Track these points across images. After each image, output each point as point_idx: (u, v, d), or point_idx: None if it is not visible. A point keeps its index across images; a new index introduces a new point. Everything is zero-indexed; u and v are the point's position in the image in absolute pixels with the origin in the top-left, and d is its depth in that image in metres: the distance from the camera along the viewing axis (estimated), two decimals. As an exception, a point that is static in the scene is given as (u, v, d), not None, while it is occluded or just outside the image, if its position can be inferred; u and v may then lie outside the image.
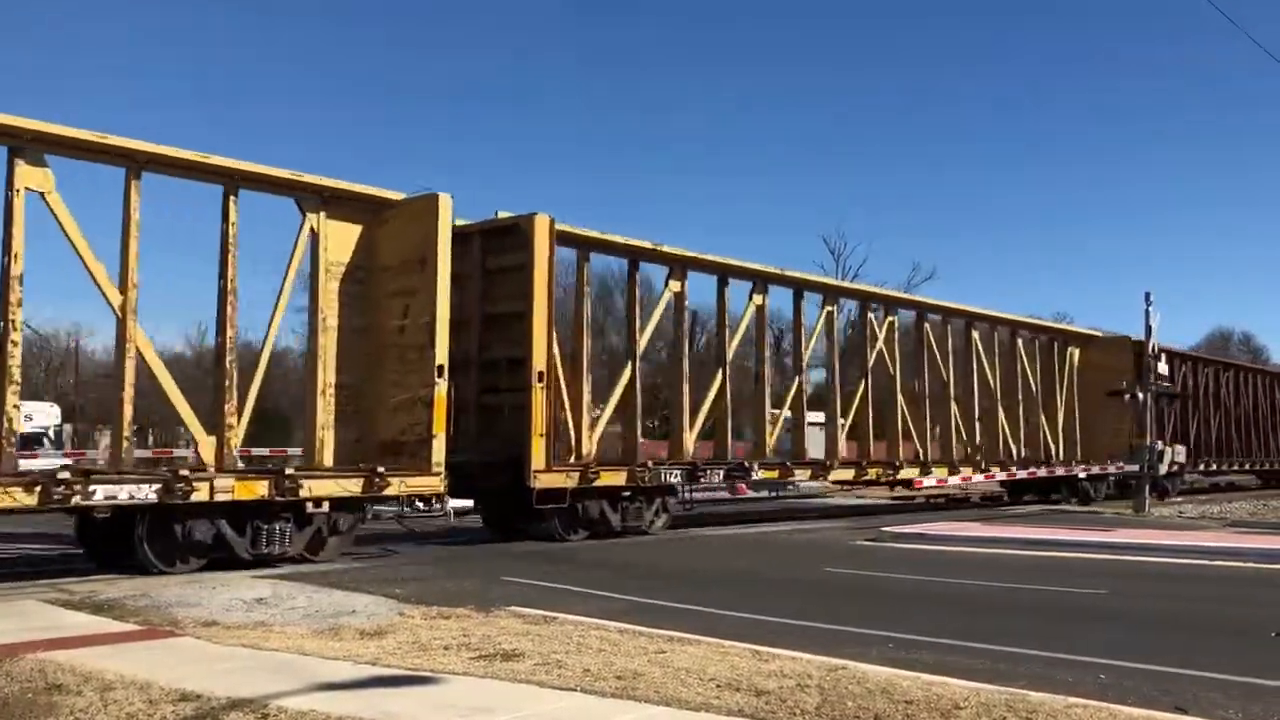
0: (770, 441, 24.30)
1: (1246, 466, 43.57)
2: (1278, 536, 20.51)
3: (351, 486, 15.65)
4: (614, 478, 19.85)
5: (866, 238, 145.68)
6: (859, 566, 16.18)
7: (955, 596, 13.19)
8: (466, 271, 19.33)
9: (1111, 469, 33.76)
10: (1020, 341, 32.95)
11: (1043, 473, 32.04)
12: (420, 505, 21.27)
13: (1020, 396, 32.41)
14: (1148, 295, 29.84)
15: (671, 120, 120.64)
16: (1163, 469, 32.47)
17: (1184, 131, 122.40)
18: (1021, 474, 31.25)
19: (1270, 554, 17.03)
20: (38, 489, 12.69)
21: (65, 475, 13.24)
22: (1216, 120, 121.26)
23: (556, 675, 7.69)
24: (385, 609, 11.19)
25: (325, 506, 15.38)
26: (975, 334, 30.96)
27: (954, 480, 29.61)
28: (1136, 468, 30.02)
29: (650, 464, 20.56)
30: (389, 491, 15.98)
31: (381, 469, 15.75)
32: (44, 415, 34.49)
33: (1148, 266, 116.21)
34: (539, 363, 18.27)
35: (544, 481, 18.26)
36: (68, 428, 37.18)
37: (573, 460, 19.58)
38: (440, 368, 16.27)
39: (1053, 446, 33.78)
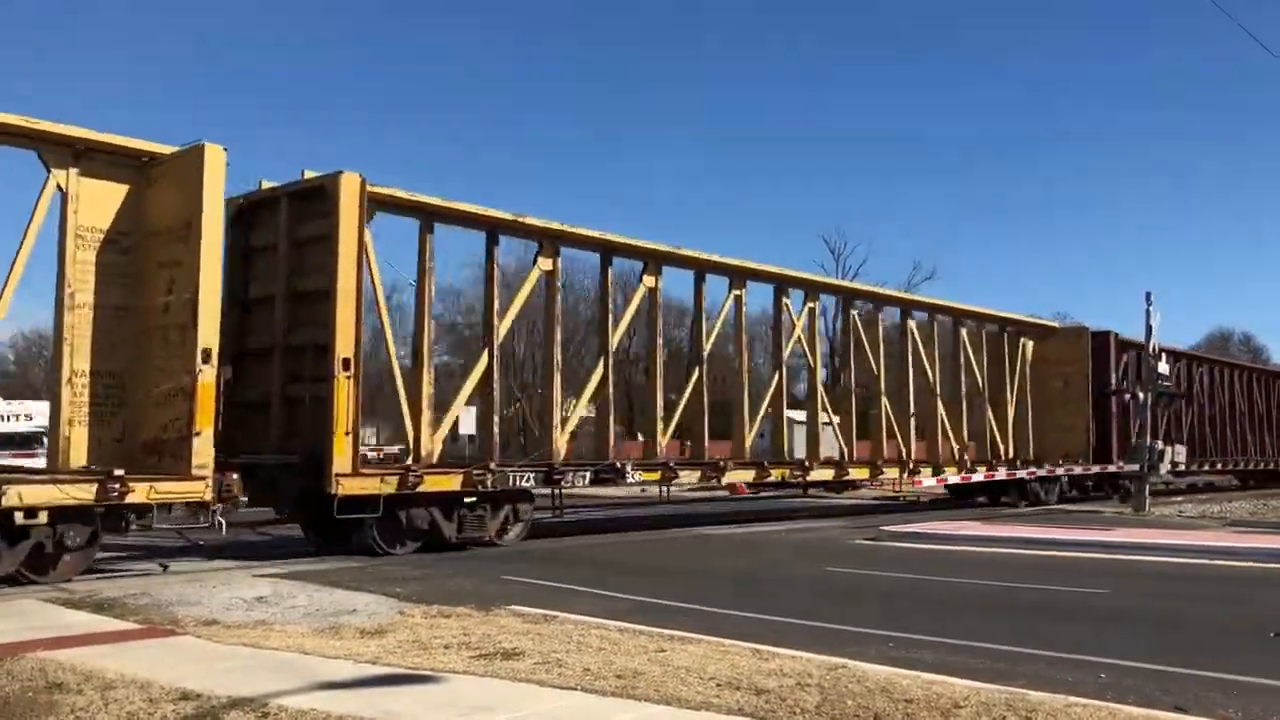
0: (663, 440, 22.05)
1: (1219, 466, 41.09)
2: (1277, 536, 20.50)
3: (80, 493, 13.00)
4: (444, 482, 17.44)
5: (867, 238, 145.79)
6: (858, 566, 16.18)
7: (955, 596, 13.19)
8: (272, 242, 17.39)
9: (1060, 470, 31.73)
10: (965, 332, 30.74)
11: (979, 476, 29.66)
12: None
13: (964, 392, 30.41)
14: (1148, 295, 29.77)
15: (671, 122, 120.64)
16: (1164, 469, 31.87)
17: (1185, 131, 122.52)
18: (954, 479, 29.13)
19: (1270, 553, 17.03)
20: None
21: None
22: (1218, 119, 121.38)
23: (557, 674, 7.70)
24: (386, 608, 11.19)
25: (43, 518, 12.76)
26: (911, 323, 28.98)
27: (883, 481, 27.88)
28: (1135, 467, 29.93)
29: (493, 466, 18.10)
30: (133, 499, 13.30)
31: (120, 471, 13.23)
32: (45, 415, 34.50)
33: (1149, 266, 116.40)
34: (344, 349, 16.01)
35: (349, 487, 15.91)
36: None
37: (410, 462, 17.48)
38: (206, 352, 13.88)
39: (1001, 445, 31.56)
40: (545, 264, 20.15)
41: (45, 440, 32.98)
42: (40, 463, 20.86)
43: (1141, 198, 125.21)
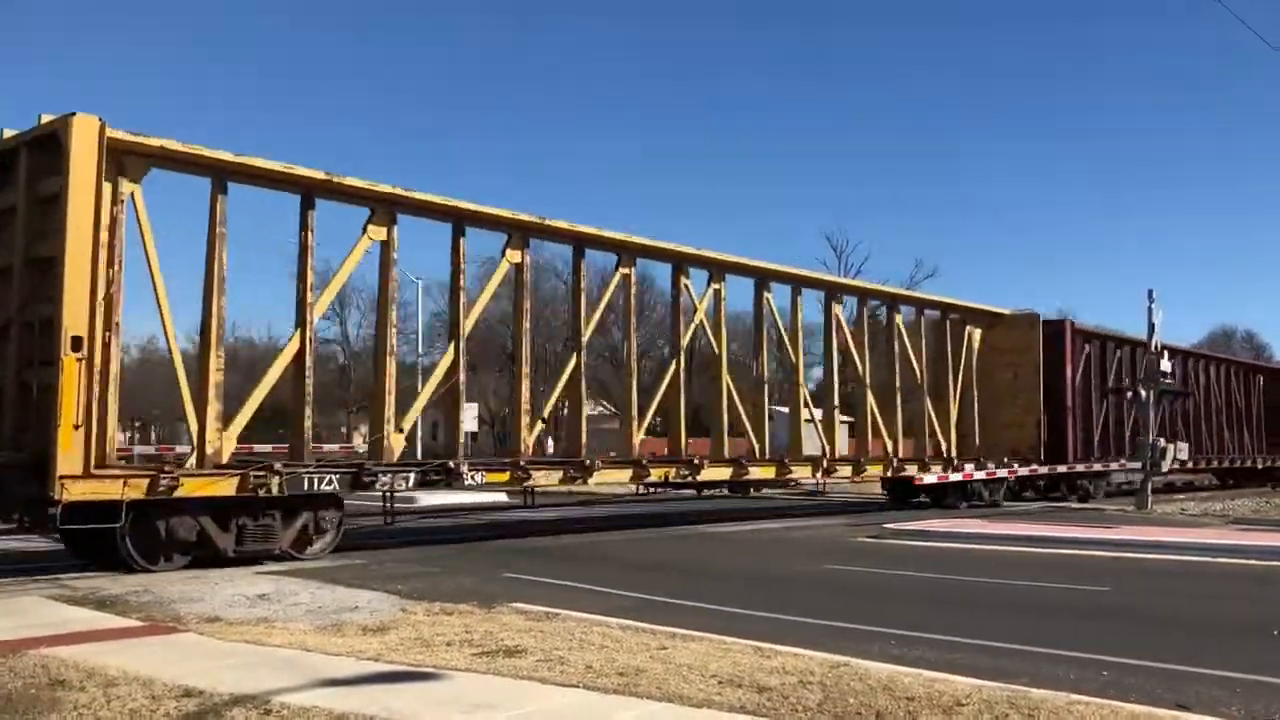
0: (528, 439, 19.60)
1: (1189, 465, 37.36)
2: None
3: None
4: (212, 486, 14.77)
5: (869, 236, 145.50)
6: (860, 564, 16.17)
7: (957, 593, 13.19)
8: (12, 202, 14.95)
9: (1003, 471, 29.56)
10: (899, 319, 28.34)
11: (908, 473, 27.30)
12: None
13: (899, 384, 28.13)
14: (1150, 292, 29.63)
15: (676, 121, 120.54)
16: (1165, 466, 31.46)
17: (1190, 128, 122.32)
18: (870, 474, 26.42)
19: (1273, 551, 16.99)
20: None
21: None
22: (1222, 117, 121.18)
23: (559, 672, 7.70)
24: (388, 605, 11.20)
25: None
26: (836, 309, 26.66)
27: (803, 478, 25.93)
28: (1138, 465, 29.84)
29: (279, 466, 15.49)
30: None
31: None
32: None
33: (1152, 263, 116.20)
34: (74, 325, 13.59)
35: (77, 491, 13.31)
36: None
37: (192, 465, 15.26)
38: None
39: (942, 442, 29.07)
40: (377, 233, 17.49)
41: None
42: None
43: (1147, 194, 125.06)
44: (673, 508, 30.23)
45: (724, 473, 23.61)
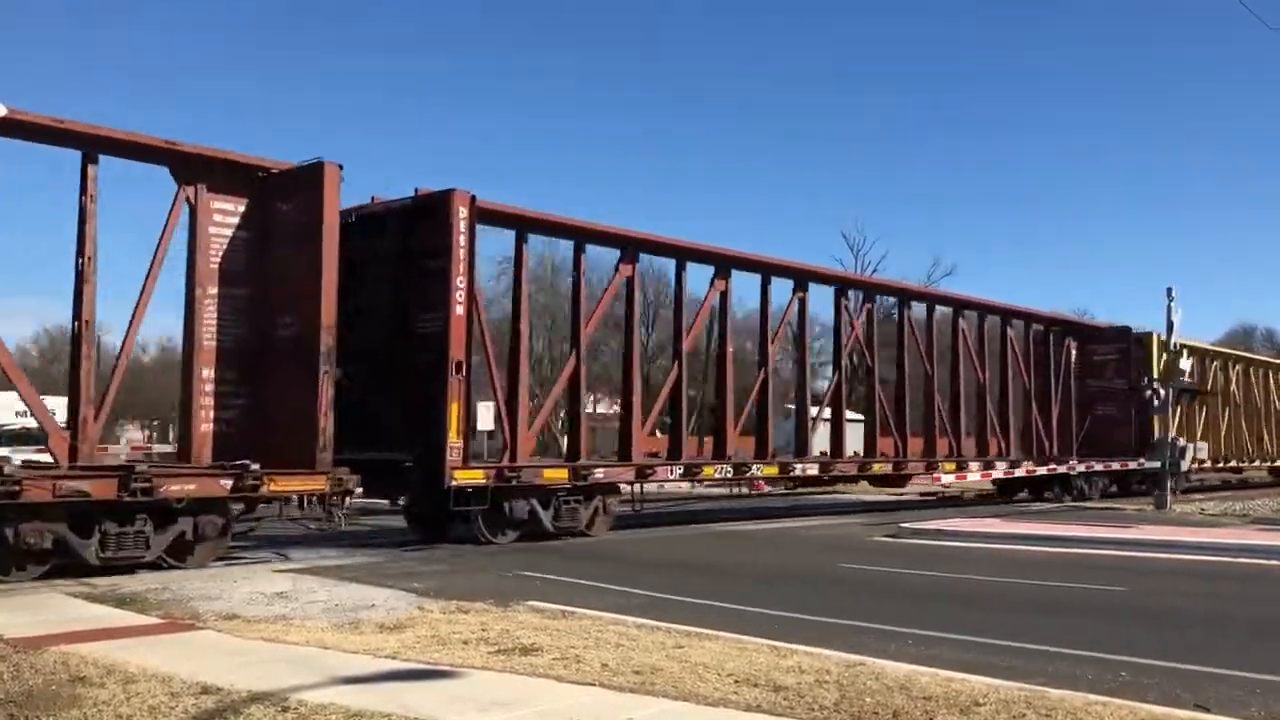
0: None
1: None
2: (1301, 534, 20.29)
3: None
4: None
5: (886, 234, 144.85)
6: (878, 563, 16.14)
7: (974, 593, 13.15)
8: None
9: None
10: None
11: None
12: None
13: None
14: (1169, 290, 29.38)
15: (684, 119, 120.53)
16: (1184, 466, 31.07)
17: (1206, 126, 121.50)
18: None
19: (1294, 551, 16.86)
20: None
21: None
22: (1240, 114, 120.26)
23: (575, 670, 7.72)
24: (404, 603, 11.25)
25: None
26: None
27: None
28: (1158, 464, 29.60)
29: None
30: None
31: None
32: (65, 411, 34.88)
33: (1171, 261, 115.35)
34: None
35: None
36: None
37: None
38: None
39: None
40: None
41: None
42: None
43: (1165, 192, 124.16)
44: (682, 507, 30.23)
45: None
